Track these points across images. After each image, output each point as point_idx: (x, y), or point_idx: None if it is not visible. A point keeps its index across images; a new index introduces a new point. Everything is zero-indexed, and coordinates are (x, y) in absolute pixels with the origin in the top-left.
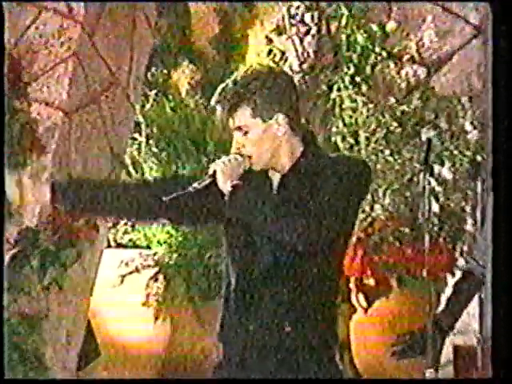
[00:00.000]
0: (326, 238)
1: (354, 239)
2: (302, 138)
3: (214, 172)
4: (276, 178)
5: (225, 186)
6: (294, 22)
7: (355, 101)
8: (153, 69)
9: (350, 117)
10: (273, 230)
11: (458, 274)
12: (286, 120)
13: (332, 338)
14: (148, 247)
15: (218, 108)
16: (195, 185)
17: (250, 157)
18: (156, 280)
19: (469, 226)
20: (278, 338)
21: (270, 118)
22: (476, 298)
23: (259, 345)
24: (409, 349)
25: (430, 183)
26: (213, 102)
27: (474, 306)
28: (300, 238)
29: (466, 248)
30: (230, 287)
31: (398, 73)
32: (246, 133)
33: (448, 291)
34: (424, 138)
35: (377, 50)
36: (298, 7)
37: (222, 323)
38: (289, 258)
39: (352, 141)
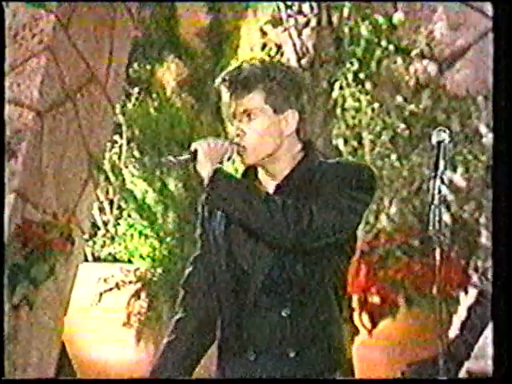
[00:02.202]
0: (326, 248)
1: (357, 253)
2: (303, 146)
3: (195, 151)
4: (270, 186)
5: (204, 169)
6: (291, 12)
7: (359, 100)
8: (135, 64)
9: (353, 117)
10: (263, 229)
11: (472, 295)
12: (297, 119)
13: (341, 359)
14: (129, 261)
15: (224, 88)
16: (171, 158)
17: (244, 147)
18: (138, 298)
19: (483, 239)
20: (280, 365)
21: (282, 112)
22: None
23: (261, 375)
24: (420, 377)
25: (440, 191)
26: (217, 82)
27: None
28: (296, 241)
29: (480, 263)
30: (223, 317)
31: (406, 69)
32: (251, 119)
33: (461, 315)
34: (434, 141)
35: (383, 43)
36: None
37: (219, 355)
38: (286, 271)
39: (355, 144)
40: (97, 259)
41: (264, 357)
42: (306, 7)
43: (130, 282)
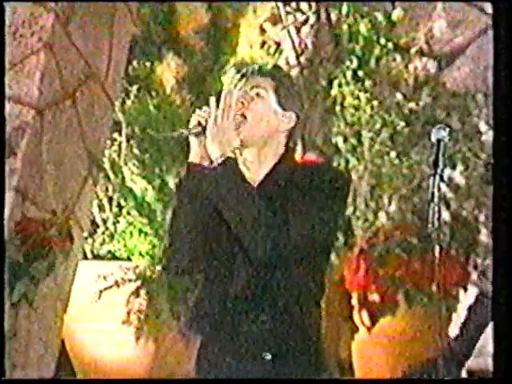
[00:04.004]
0: (303, 252)
1: (356, 250)
2: (285, 150)
3: (204, 127)
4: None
5: (214, 153)
6: (290, 10)
7: (358, 97)
8: (134, 62)
9: (353, 115)
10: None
11: (471, 294)
12: (293, 123)
13: (319, 364)
14: (129, 259)
15: (233, 73)
16: (183, 130)
17: (242, 119)
18: (137, 295)
19: (483, 237)
20: (257, 368)
21: (285, 110)
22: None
23: (238, 376)
24: (421, 376)
25: (440, 189)
26: (228, 67)
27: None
28: (274, 249)
29: (479, 261)
30: (205, 317)
31: (406, 67)
32: (255, 97)
33: (462, 316)
34: (434, 138)
35: (382, 41)
36: None
37: (198, 355)
38: (265, 277)
39: (354, 142)
40: (96, 257)
41: (241, 360)
42: (304, 5)
43: (130, 280)
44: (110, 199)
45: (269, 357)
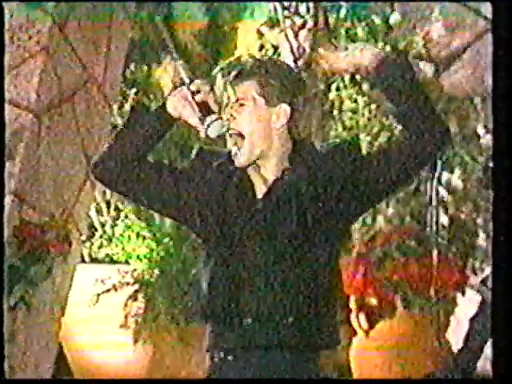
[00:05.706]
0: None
1: (354, 254)
2: (294, 146)
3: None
4: (260, 185)
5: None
6: (287, 13)
7: (356, 101)
8: (132, 65)
9: (351, 119)
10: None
11: (471, 300)
12: (288, 115)
13: (338, 332)
14: (126, 263)
15: (219, 77)
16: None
17: (240, 135)
18: (135, 299)
19: (481, 240)
20: (277, 331)
21: (274, 105)
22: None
23: (257, 340)
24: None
25: (438, 192)
26: (215, 71)
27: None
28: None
29: (478, 264)
30: (221, 282)
31: None
32: (243, 107)
33: (464, 328)
34: None
35: (379, 44)
36: None
37: (214, 320)
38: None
39: None
40: (94, 260)
41: (261, 322)
42: (302, 8)
43: (128, 284)
44: (108, 203)
45: (291, 320)
